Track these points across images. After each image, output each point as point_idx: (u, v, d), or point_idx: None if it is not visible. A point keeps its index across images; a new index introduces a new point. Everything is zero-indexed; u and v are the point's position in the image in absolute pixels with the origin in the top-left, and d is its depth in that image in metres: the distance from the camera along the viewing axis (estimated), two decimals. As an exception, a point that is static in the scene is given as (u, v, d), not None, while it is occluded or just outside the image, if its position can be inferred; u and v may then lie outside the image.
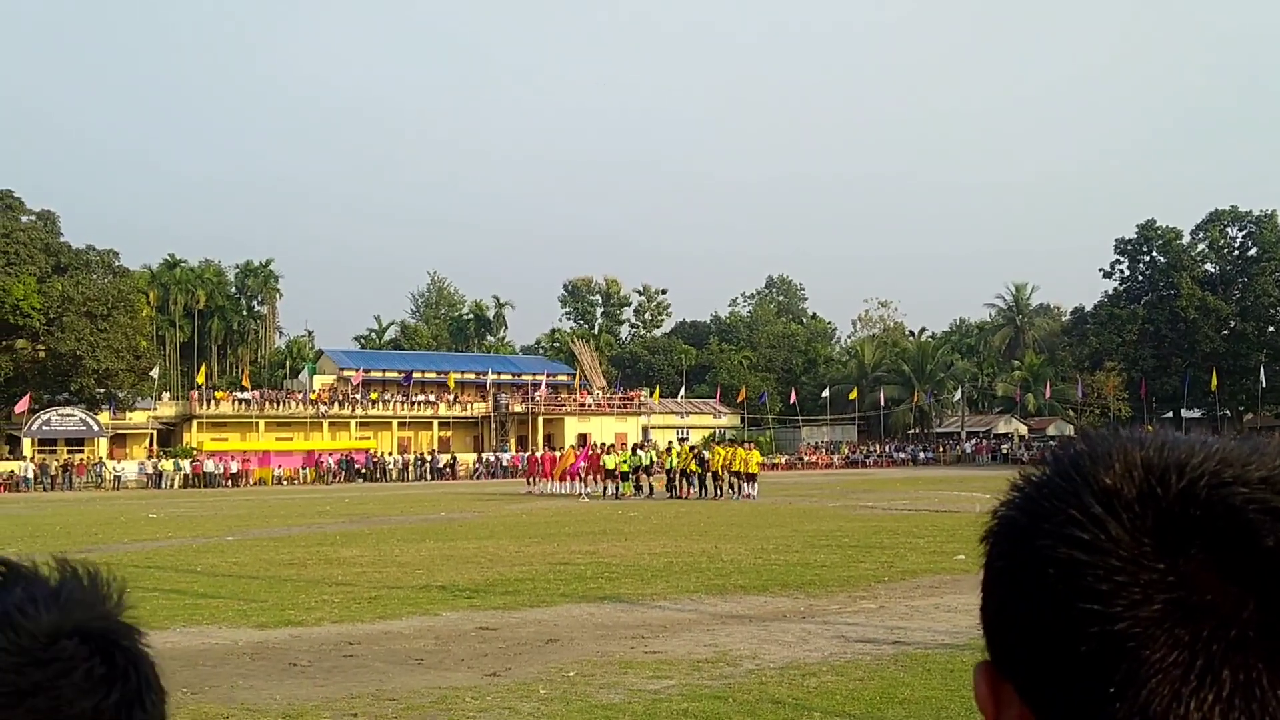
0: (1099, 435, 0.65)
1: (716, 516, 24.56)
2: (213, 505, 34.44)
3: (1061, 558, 0.60)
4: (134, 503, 36.66)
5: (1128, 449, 0.63)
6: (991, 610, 0.66)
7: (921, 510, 24.71)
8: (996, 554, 0.66)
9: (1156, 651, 0.57)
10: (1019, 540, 0.64)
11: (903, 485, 39.63)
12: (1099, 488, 0.61)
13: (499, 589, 12.24)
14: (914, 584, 12.10)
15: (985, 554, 0.68)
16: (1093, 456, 0.63)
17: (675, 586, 12.22)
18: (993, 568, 0.67)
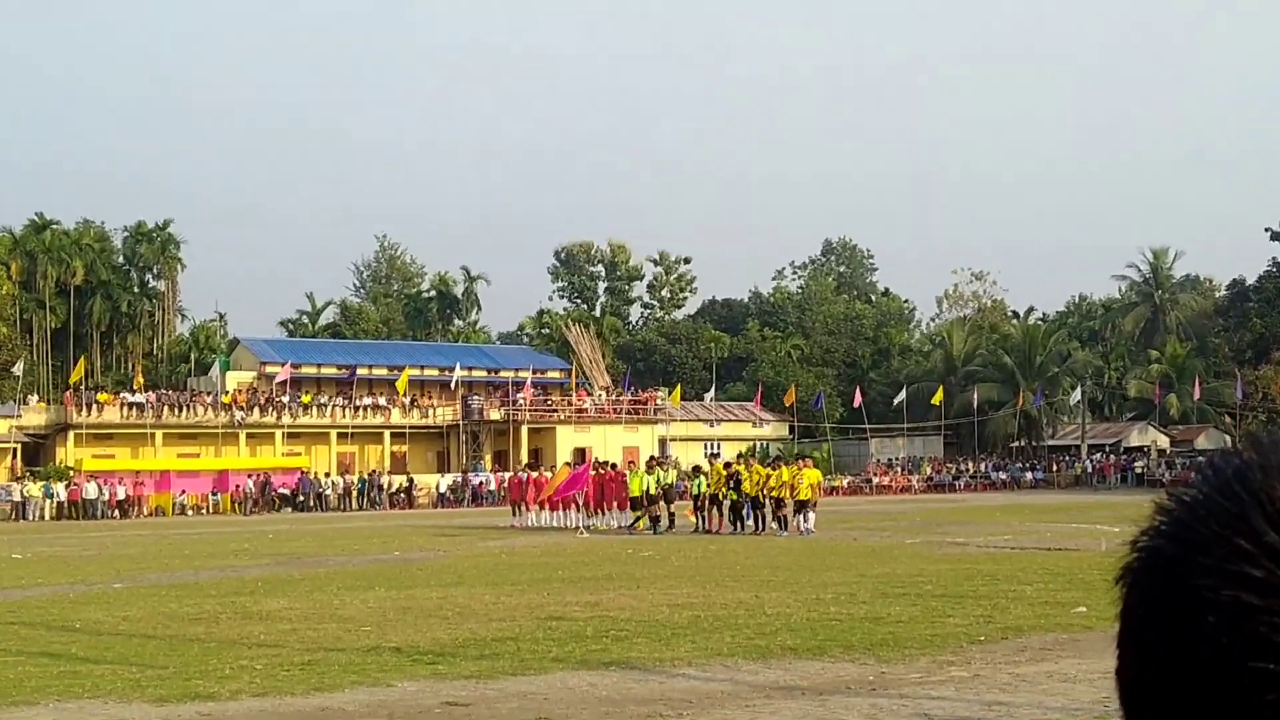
0: (1271, 441, 0.65)
1: (758, 556, 24.56)
2: (96, 542, 34.63)
3: (1225, 601, 0.60)
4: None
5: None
6: (1131, 673, 0.66)
7: (1029, 548, 24.66)
8: (1138, 598, 0.66)
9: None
10: (1168, 579, 0.63)
11: (1004, 515, 39.54)
12: (1274, 509, 0.61)
13: (471, 652, 12.27)
14: (1019, 645, 12.07)
15: (1122, 599, 0.67)
16: (1264, 468, 0.63)
17: (704, 649, 12.22)
18: (1133, 616, 0.66)
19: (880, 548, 26.18)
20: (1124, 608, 0.66)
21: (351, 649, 12.59)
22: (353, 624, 14.65)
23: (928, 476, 72.65)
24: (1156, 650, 0.63)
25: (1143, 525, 0.66)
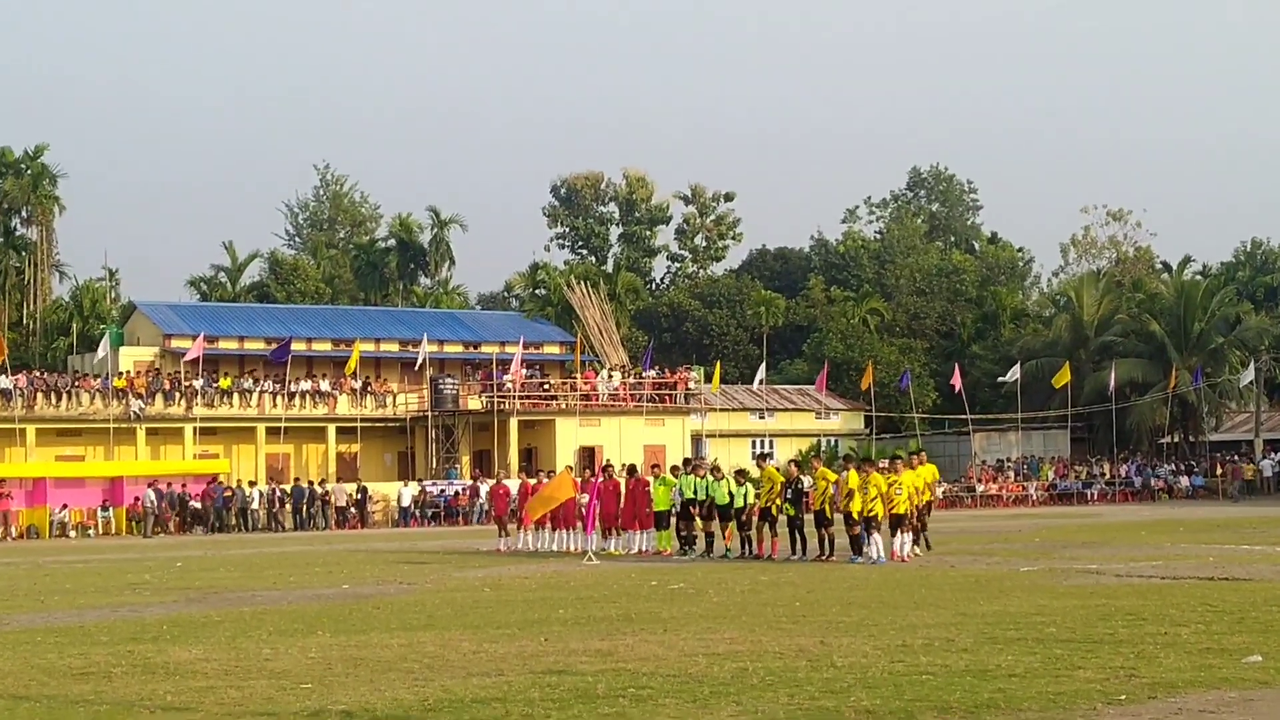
0: None
1: (824, 590, 24.56)
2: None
3: None
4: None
5: None
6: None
7: (1184, 578, 24.60)
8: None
9: None
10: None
11: (1151, 533, 39.44)
12: None
13: (444, 717, 12.28)
14: (1172, 707, 12.05)
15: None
16: None
17: (752, 711, 12.24)
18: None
19: (986, 578, 26.14)
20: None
21: (286, 714, 12.63)
22: (288, 680, 14.68)
23: (1050, 483, 72.61)
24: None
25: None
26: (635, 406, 71.53)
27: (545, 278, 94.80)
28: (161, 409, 67.65)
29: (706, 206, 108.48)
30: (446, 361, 76.43)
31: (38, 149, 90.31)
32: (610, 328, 78.51)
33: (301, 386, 71.09)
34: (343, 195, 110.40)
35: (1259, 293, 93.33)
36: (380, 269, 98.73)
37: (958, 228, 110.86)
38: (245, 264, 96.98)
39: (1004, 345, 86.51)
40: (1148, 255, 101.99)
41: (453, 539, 48.29)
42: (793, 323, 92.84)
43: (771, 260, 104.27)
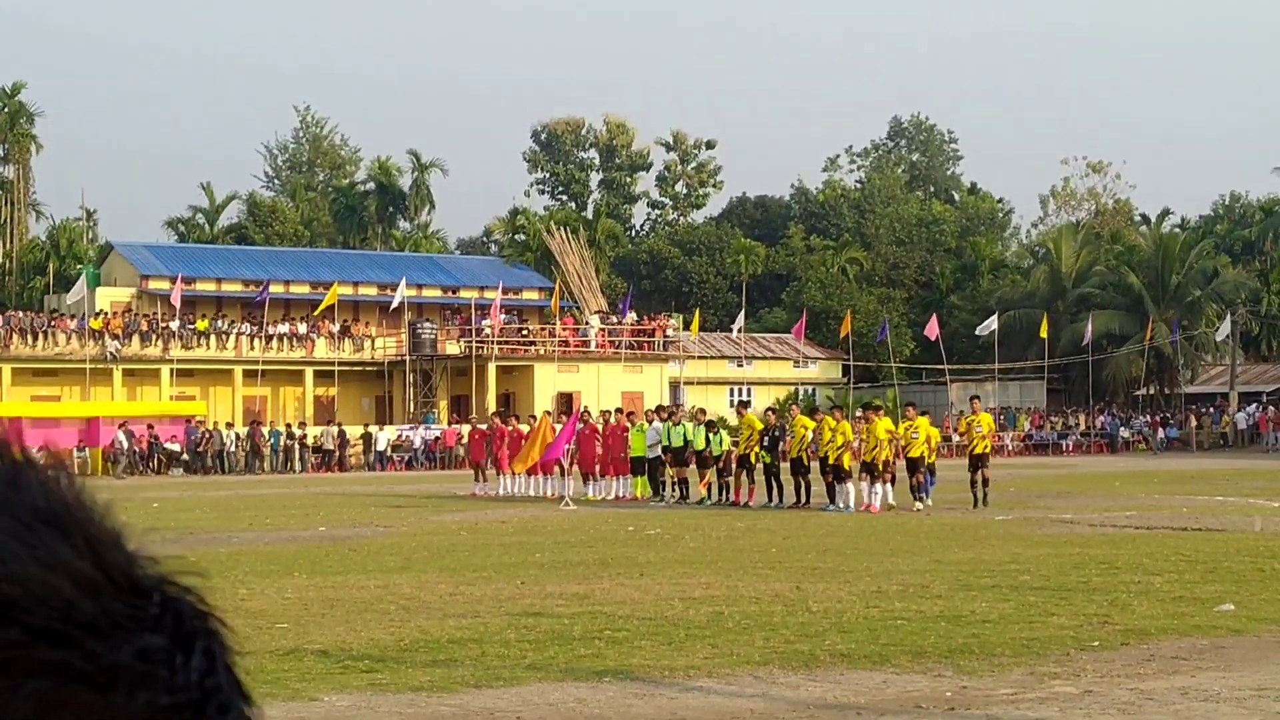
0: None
1: (800, 536, 24.68)
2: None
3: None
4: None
5: None
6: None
7: (1158, 528, 24.78)
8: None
9: None
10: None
11: (1126, 484, 39.67)
12: None
13: (421, 658, 12.36)
14: (1143, 652, 12.15)
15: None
16: None
17: (727, 655, 12.31)
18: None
19: (962, 526, 26.29)
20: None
21: (262, 652, 12.66)
22: (264, 620, 14.75)
23: (1026, 434, 72.88)
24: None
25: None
26: (614, 353, 71.52)
27: (525, 223, 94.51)
28: (138, 350, 67.38)
29: (688, 154, 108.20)
30: (425, 306, 76.25)
31: (15, 86, 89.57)
32: (589, 274, 78.36)
33: (279, 329, 70.85)
34: (322, 138, 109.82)
35: (1236, 246, 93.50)
36: (359, 212, 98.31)
37: (938, 178, 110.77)
38: (223, 206, 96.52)
39: (982, 296, 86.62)
40: (1126, 208, 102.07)
41: (430, 483, 48.36)
42: (772, 271, 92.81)
43: (752, 208, 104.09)
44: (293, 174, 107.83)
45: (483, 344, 69.61)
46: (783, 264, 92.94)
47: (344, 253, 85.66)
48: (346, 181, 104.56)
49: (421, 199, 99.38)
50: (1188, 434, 74.25)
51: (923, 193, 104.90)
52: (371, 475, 58.14)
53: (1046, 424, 75.01)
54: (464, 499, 38.14)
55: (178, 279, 67.71)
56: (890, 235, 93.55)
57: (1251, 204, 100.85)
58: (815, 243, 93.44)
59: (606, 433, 37.34)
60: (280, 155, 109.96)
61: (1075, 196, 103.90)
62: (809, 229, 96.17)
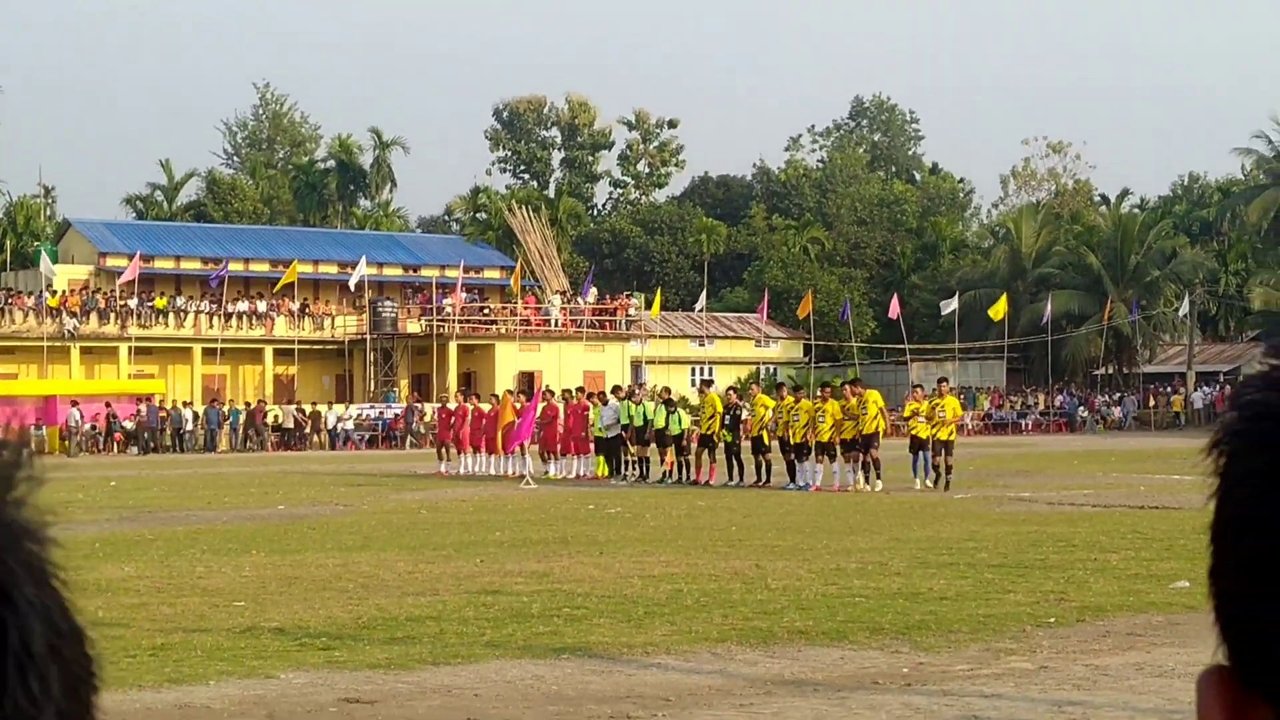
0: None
1: (760, 515, 24.74)
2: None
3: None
4: None
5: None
6: (1230, 575, 0.66)
7: (1115, 506, 24.92)
8: (1243, 470, 0.65)
9: None
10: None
11: (1084, 463, 39.87)
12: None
13: (378, 635, 12.35)
14: (1099, 629, 12.23)
15: (1218, 473, 0.67)
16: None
17: (686, 632, 12.33)
18: (1235, 496, 0.66)
19: (921, 504, 26.39)
20: (1222, 486, 0.65)
21: (219, 630, 12.64)
22: (222, 598, 14.70)
23: (985, 413, 73.17)
24: (1270, 541, 0.61)
25: (1248, 377, 0.65)
26: (575, 332, 71.47)
27: (486, 202, 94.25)
28: (96, 328, 66.97)
29: (650, 133, 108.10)
30: (386, 284, 75.97)
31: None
32: (551, 253, 78.23)
33: (238, 307, 70.54)
34: (282, 115, 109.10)
35: (1194, 227, 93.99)
36: (320, 190, 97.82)
37: (899, 158, 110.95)
38: (182, 183, 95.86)
39: (943, 276, 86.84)
40: (1086, 188, 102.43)
41: (390, 462, 48.26)
42: (734, 250, 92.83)
43: (714, 188, 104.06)
44: (252, 151, 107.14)
45: (444, 323, 69.46)
46: (744, 243, 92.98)
47: (304, 231, 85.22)
48: (307, 159, 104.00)
49: (382, 177, 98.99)
50: (1147, 413, 74.72)
51: (884, 173, 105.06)
52: (331, 454, 57.97)
53: (1006, 403, 75.33)
54: (424, 478, 38.08)
55: (136, 256, 67.25)
56: (852, 215, 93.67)
57: (1210, 185, 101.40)
58: (777, 222, 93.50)
59: (568, 412, 37.34)
60: (240, 132, 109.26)
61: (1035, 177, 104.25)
62: (771, 208, 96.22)
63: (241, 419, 62.38)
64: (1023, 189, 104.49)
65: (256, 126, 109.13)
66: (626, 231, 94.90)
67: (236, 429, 62.08)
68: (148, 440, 59.97)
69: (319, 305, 73.49)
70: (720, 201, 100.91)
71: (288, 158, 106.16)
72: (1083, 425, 72.99)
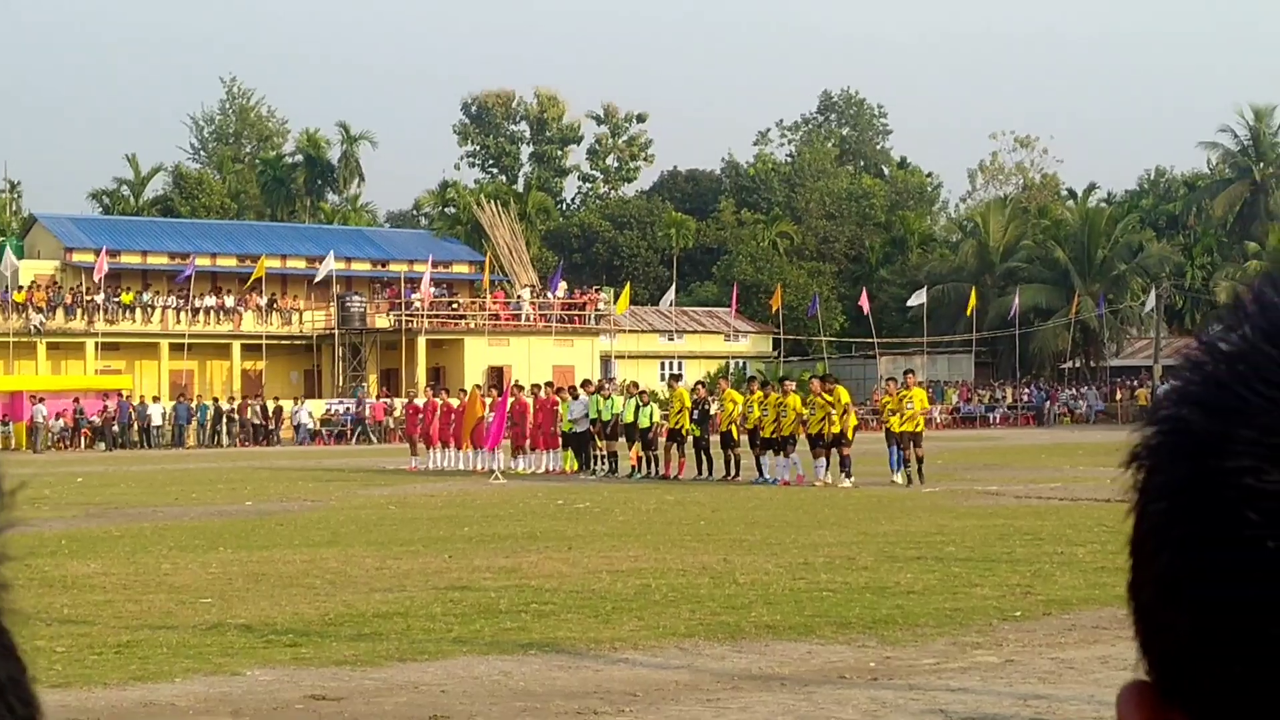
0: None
1: (729, 509, 24.77)
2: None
3: (1276, 490, 0.59)
4: None
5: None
6: (1150, 589, 0.66)
7: (1082, 500, 25.02)
8: (1159, 488, 0.65)
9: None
10: (1199, 461, 0.61)
11: (1051, 456, 40.01)
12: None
13: (345, 631, 12.32)
14: (1065, 622, 12.28)
15: (1136, 489, 0.67)
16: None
17: (654, 627, 12.34)
18: (1151, 513, 0.66)
19: (889, 498, 26.46)
20: (1139, 501, 0.66)
21: (185, 627, 12.60)
22: (188, 594, 14.66)
23: (953, 406, 73.39)
24: (1185, 557, 0.62)
25: (1165, 391, 0.65)
26: (545, 327, 71.41)
27: (455, 196, 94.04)
28: (62, 323, 66.62)
29: (619, 127, 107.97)
30: (354, 279, 75.72)
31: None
32: (520, 247, 78.13)
33: (206, 302, 70.25)
34: (249, 109, 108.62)
35: (1161, 221, 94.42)
36: (287, 185, 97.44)
37: (868, 152, 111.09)
38: (149, 177, 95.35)
39: (911, 270, 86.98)
40: (1054, 182, 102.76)
41: (358, 458, 48.17)
42: (703, 245, 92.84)
43: (683, 182, 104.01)
44: (219, 146, 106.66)
45: (412, 317, 69.33)
46: (713, 238, 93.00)
47: (272, 225, 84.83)
48: (274, 154, 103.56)
49: (350, 171, 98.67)
50: (1114, 407, 75.03)
51: (853, 167, 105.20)
52: (299, 450, 57.80)
53: (974, 397, 75.56)
54: (393, 473, 38.01)
55: (103, 251, 66.93)
56: (820, 209, 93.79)
57: (1176, 179, 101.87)
58: (746, 216, 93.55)
59: (537, 407, 37.31)
60: (206, 127, 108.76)
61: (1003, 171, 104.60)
62: (740, 203, 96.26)
63: (210, 415, 62.16)
64: (990, 183, 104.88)
65: (223, 121, 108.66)
66: (595, 226, 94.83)
67: (205, 425, 61.89)
68: (115, 436, 59.72)
69: (287, 300, 73.25)
70: (689, 196, 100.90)
71: (255, 152, 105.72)
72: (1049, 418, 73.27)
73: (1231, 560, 0.58)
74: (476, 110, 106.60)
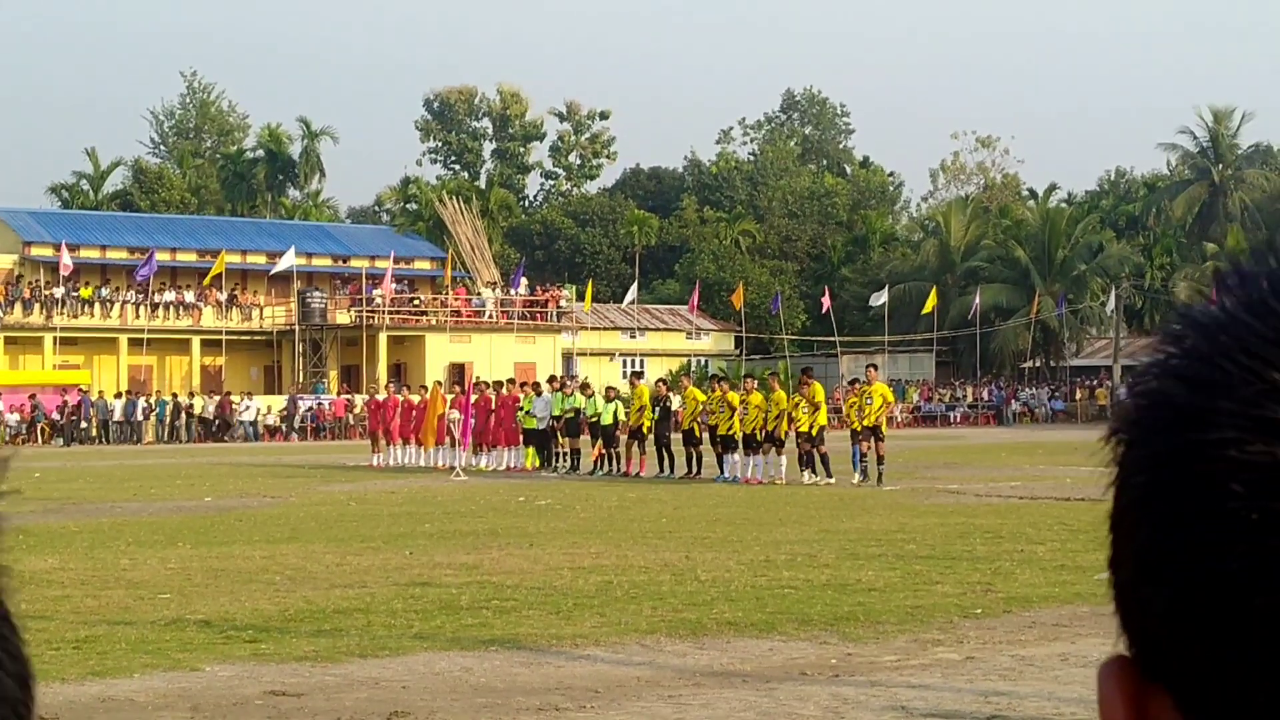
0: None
1: (690, 507, 24.78)
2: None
3: (1260, 461, 0.58)
4: None
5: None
6: (1132, 564, 0.66)
7: (1042, 498, 25.14)
8: (1139, 461, 0.65)
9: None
10: (1180, 434, 0.61)
11: (1011, 455, 40.19)
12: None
13: (305, 628, 12.28)
14: (1025, 620, 12.32)
15: (1116, 463, 0.67)
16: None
17: (615, 623, 12.34)
18: (1132, 487, 0.66)
19: (850, 496, 26.51)
20: (1119, 475, 0.66)
21: (144, 622, 12.54)
22: (146, 590, 14.60)
23: (914, 405, 73.66)
24: (1166, 531, 0.62)
25: (1144, 360, 0.65)
26: (506, 324, 71.37)
27: (417, 192, 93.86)
28: (20, 318, 66.19)
29: (581, 124, 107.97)
30: (315, 275, 75.48)
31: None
32: (482, 244, 78.02)
33: (165, 298, 69.89)
34: (210, 104, 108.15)
35: (1121, 221, 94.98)
36: (248, 180, 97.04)
37: (830, 151, 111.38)
38: (108, 172, 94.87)
39: (873, 269, 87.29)
40: (1015, 182, 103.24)
41: (318, 454, 48.02)
42: (665, 243, 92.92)
43: (645, 180, 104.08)
44: (180, 140, 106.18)
45: (374, 314, 69.21)
46: (676, 236, 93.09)
47: (232, 220, 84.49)
48: (235, 149, 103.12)
49: (312, 167, 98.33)
50: (1073, 406, 75.46)
51: (815, 166, 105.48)
52: (259, 445, 57.60)
53: (935, 396, 75.86)
54: (353, 469, 37.91)
55: (62, 245, 66.52)
56: (783, 208, 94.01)
57: (1136, 179, 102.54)
58: (708, 214, 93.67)
59: (499, 403, 37.28)
60: (167, 121, 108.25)
61: (965, 171, 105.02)
62: (702, 201, 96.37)
63: (169, 410, 61.92)
64: (952, 183, 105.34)
65: (184, 115, 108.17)
66: (558, 223, 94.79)
67: (163, 420, 61.63)
68: (74, 432, 59.40)
69: (247, 296, 72.96)
70: (652, 193, 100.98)
71: (215, 147, 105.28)
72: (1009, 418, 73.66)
73: (1215, 533, 0.58)
74: (439, 106, 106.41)
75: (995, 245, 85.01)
